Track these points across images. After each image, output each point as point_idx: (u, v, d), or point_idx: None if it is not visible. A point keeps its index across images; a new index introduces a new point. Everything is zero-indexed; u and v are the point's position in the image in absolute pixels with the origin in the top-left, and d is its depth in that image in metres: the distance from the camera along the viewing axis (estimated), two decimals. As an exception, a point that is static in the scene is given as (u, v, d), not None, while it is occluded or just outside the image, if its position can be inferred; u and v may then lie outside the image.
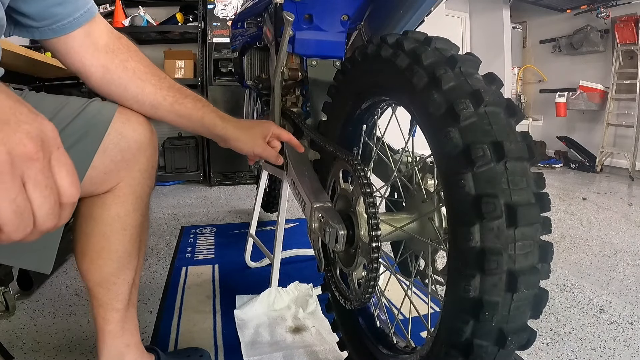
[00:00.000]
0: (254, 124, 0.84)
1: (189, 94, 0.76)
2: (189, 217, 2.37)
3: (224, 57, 3.26)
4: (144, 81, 0.71)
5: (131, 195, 0.72)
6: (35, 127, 0.29)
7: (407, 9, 0.90)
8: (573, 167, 4.15)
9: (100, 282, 0.74)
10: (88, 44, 0.67)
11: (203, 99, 0.78)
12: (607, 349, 1.05)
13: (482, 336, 0.49)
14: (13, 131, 0.28)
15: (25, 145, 0.28)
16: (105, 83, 0.70)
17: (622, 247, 1.83)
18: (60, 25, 0.63)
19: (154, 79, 0.73)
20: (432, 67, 0.54)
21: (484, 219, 0.47)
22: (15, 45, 1.57)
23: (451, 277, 0.52)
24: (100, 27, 0.69)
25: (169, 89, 0.74)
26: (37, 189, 0.29)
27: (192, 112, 0.75)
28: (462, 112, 0.49)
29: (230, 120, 0.79)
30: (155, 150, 0.75)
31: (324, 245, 0.82)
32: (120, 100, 0.71)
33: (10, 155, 0.27)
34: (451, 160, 0.50)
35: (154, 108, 0.73)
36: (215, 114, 0.77)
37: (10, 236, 0.28)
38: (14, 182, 0.28)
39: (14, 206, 0.28)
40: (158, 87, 0.72)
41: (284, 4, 0.96)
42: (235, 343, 1.06)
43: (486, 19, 4.67)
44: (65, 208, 0.31)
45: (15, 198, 0.28)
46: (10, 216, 0.28)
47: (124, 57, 0.70)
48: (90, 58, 0.68)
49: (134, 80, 0.71)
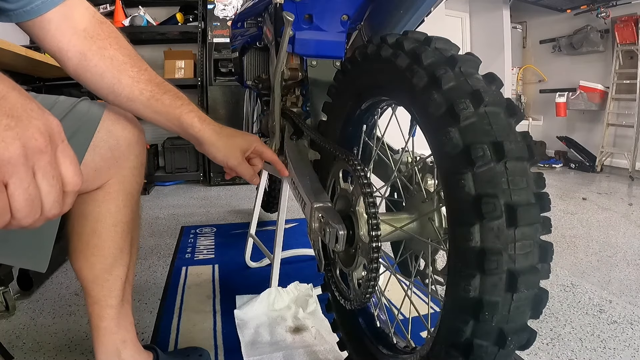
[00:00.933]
0: (236, 134, 0.78)
1: (168, 89, 0.72)
2: (189, 217, 2.37)
3: (224, 57, 3.26)
4: (121, 72, 0.67)
5: (121, 192, 0.73)
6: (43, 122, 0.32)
7: (407, 9, 0.90)
8: (573, 167, 4.15)
9: (94, 279, 0.75)
10: (65, 27, 0.63)
11: (184, 97, 0.74)
12: (607, 349, 1.05)
13: (482, 336, 0.49)
14: (26, 127, 0.31)
15: (36, 139, 0.31)
16: (82, 70, 0.66)
17: (622, 247, 1.83)
18: (35, 7, 0.60)
19: (133, 70, 0.68)
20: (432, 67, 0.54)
21: (484, 218, 0.47)
22: (15, 45, 1.57)
23: (451, 277, 0.52)
24: (81, 10, 0.65)
25: (147, 83, 0.69)
26: (46, 178, 0.32)
27: (169, 110, 0.71)
28: (462, 112, 0.49)
29: (210, 124, 0.74)
30: (143, 148, 0.76)
31: (324, 245, 0.82)
32: (96, 89, 0.68)
33: (24, 149, 0.30)
34: (451, 160, 0.50)
35: (130, 101, 0.69)
36: (195, 114, 0.73)
37: (20, 222, 0.31)
38: (27, 173, 0.30)
39: (26, 194, 0.30)
40: (136, 79, 0.68)
41: (284, 4, 0.97)
42: (235, 343, 1.06)
43: (486, 19, 4.67)
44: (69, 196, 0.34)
45: (28, 187, 0.31)
46: (23, 203, 0.30)
47: (103, 44, 0.66)
48: (67, 43, 0.64)
49: (110, 69, 0.66)
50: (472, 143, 0.48)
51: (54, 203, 0.33)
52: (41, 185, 0.32)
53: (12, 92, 0.31)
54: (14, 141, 0.30)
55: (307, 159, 0.97)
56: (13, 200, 0.30)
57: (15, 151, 0.30)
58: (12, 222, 0.31)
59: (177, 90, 0.73)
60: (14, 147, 0.30)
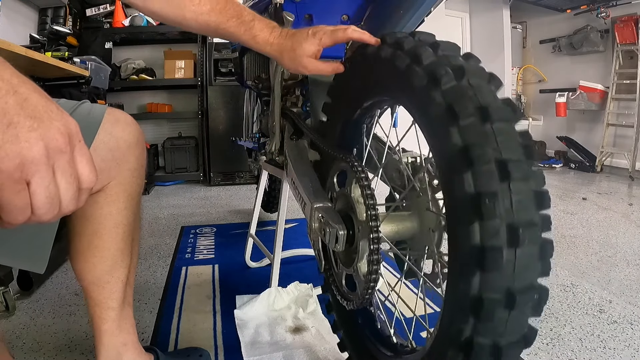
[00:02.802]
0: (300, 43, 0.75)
1: (231, 15, 0.75)
2: (189, 217, 2.37)
3: (224, 57, 3.26)
4: (182, 8, 0.73)
5: (122, 194, 0.74)
6: (63, 123, 0.34)
7: (407, 9, 0.90)
8: (573, 167, 4.15)
9: (95, 281, 0.75)
10: None
11: (248, 21, 0.76)
12: (607, 349, 1.05)
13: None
14: (48, 128, 0.32)
15: (57, 139, 0.33)
16: (147, 12, 0.74)
17: (622, 247, 1.83)
18: None
19: (193, 4, 0.73)
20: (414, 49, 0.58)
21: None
22: (15, 45, 1.57)
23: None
24: None
25: (210, 14, 0.74)
26: (64, 177, 0.34)
27: (234, 36, 0.77)
28: (442, 78, 0.53)
29: (274, 42, 0.76)
30: (143, 149, 0.76)
31: (324, 245, 0.82)
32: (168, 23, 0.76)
33: (46, 149, 0.32)
34: (437, 119, 0.53)
35: (199, 31, 0.78)
36: (260, 37, 0.76)
37: (40, 218, 0.33)
38: (48, 172, 0.32)
39: (47, 192, 0.32)
40: (198, 12, 0.74)
41: (284, 4, 0.97)
42: (235, 343, 1.06)
43: (486, 19, 4.67)
44: (84, 193, 0.36)
45: (48, 185, 0.32)
46: (44, 201, 0.32)
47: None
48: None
49: (172, 9, 0.73)
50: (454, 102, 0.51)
51: (71, 200, 0.34)
52: (60, 183, 0.33)
53: (33, 94, 0.33)
54: (37, 142, 0.31)
55: (307, 159, 0.97)
56: (34, 198, 0.32)
57: (39, 151, 0.31)
58: (32, 217, 0.33)
59: (240, 11, 0.77)
60: (38, 147, 0.31)
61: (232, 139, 2.06)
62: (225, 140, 3.18)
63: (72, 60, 2.31)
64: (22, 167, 0.31)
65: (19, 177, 0.31)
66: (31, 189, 0.32)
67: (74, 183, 0.34)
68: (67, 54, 2.33)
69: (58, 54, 2.29)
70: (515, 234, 0.46)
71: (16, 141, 0.30)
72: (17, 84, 0.32)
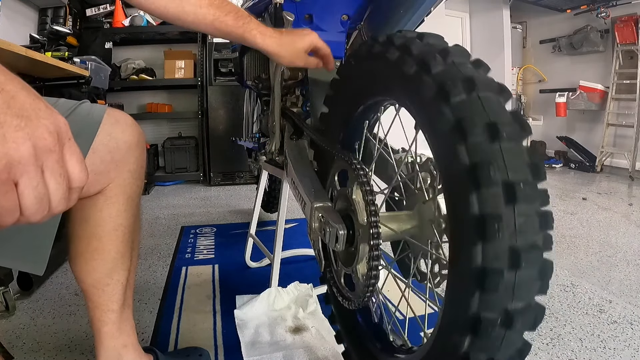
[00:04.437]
0: (295, 39, 0.84)
1: (230, 9, 0.79)
2: (189, 217, 2.37)
3: (224, 57, 3.26)
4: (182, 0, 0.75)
5: (122, 196, 0.73)
6: (52, 122, 0.33)
7: (407, 9, 0.90)
8: (573, 167, 4.15)
9: (95, 284, 0.75)
10: None
11: (245, 15, 0.81)
12: (607, 349, 1.05)
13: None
14: (35, 127, 0.31)
15: (45, 139, 0.32)
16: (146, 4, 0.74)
17: (622, 247, 1.83)
18: None
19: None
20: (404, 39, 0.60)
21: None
22: (15, 45, 1.56)
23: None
24: None
25: (209, 7, 0.77)
26: (54, 177, 0.33)
27: (232, 30, 0.79)
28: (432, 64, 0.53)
29: (271, 37, 0.82)
30: (143, 151, 0.76)
31: (324, 245, 0.82)
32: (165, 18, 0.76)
33: (34, 149, 0.31)
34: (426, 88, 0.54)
35: (195, 25, 0.78)
36: (257, 31, 0.81)
37: (29, 219, 0.32)
38: (37, 172, 0.31)
39: (35, 193, 0.32)
40: (197, 5, 0.76)
41: (284, 4, 0.97)
42: (235, 343, 1.06)
43: (486, 19, 4.66)
44: (75, 192, 0.35)
45: (37, 186, 0.32)
46: (32, 201, 0.32)
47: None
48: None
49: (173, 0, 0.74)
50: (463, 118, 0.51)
51: (60, 200, 0.34)
52: (49, 183, 0.33)
53: (21, 92, 0.32)
54: (24, 142, 0.31)
55: (307, 159, 0.97)
56: (23, 199, 0.31)
57: (26, 152, 0.31)
58: (20, 218, 0.32)
59: (237, 8, 0.81)
60: (25, 147, 0.31)
61: (232, 139, 2.06)
62: (225, 140, 3.17)
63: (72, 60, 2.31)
64: (10, 168, 0.30)
65: (6, 178, 0.30)
66: (19, 190, 0.31)
67: (63, 183, 0.34)
68: (67, 54, 2.33)
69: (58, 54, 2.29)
70: (517, 257, 0.46)
71: (3, 141, 0.30)
72: (4, 81, 0.31)
